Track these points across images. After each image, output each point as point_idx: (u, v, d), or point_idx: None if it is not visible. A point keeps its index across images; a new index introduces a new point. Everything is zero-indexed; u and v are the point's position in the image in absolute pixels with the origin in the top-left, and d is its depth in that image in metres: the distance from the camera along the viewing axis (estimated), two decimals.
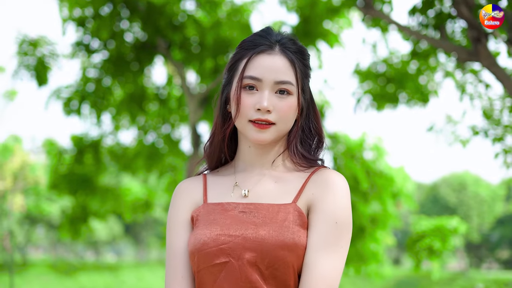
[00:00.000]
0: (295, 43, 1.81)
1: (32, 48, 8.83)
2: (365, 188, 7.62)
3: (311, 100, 1.85)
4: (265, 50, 1.76)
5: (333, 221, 1.65)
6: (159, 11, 8.00)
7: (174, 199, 1.91)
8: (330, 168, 1.78)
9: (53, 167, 10.19)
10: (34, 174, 27.08)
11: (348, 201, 1.69)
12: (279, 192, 1.75)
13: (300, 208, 1.69)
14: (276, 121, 1.74)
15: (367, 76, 7.46)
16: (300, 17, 7.65)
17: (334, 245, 1.64)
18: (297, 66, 1.76)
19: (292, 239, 1.64)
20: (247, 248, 1.66)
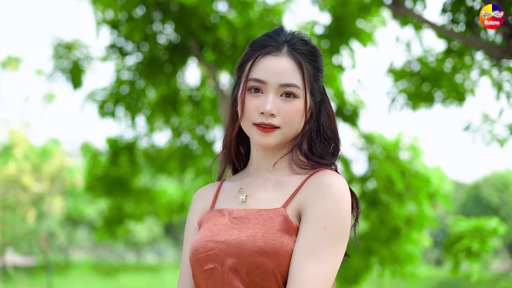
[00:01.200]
0: (306, 44, 1.75)
1: (67, 51, 8.93)
2: (400, 189, 7.50)
3: (323, 102, 1.79)
4: (272, 51, 1.72)
5: (321, 227, 1.57)
6: (191, 12, 8.01)
7: (191, 206, 1.93)
8: (334, 170, 1.70)
9: (89, 169, 10.27)
10: (71, 177, 27.45)
11: (341, 206, 1.60)
12: (274, 197, 1.70)
13: (287, 213, 1.63)
14: (281, 125, 1.70)
15: (401, 75, 7.35)
16: (332, 17, 7.58)
17: (322, 252, 1.56)
18: (305, 68, 1.71)
19: (272, 245, 1.59)
20: (229, 254, 1.63)
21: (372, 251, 7.53)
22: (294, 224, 1.62)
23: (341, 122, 8.84)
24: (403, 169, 7.91)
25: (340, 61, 8.08)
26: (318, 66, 1.77)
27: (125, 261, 53.32)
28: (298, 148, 1.77)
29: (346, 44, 7.83)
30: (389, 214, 7.50)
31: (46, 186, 27.52)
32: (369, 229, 7.74)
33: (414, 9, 5.00)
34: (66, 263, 39.65)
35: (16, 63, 31.58)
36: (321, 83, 1.79)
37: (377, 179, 7.79)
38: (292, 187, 1.69)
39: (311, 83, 1.74)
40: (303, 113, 1.72)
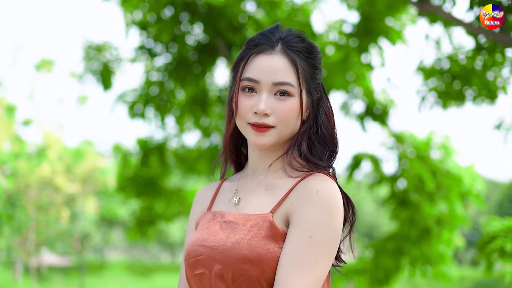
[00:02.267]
0: (303, 41, 1.72)
1: (97, 53, 9.02)
2: (430, 188, 7.41)
3: (321, 100, 1.75)
4: (265, 50, 1.69)
5: (307, 236, 1.54)
6: (219, 12, 8.01)
7: (192, 207, 1.92)
8: (328, 173, 1.66)
9: (120, 170, 10.35)
10: (104, 177, 27.72)
11: (328, 214, 1.56)
12: (265, 201, 1.67)
13: (274, 219, 1.60)
14: (276, 124, 1.67)
15: (431, 73, 7.25)
16: (360, 15, 7.52)
17: (307, 262, 1.53)
18: (299, 65, 1.68)
19: (257, 253, 1.57)
20: (216, 260, 1.62)
21: (403, 251, 7.45)
22: (280, 230, 1.59)
23: (371, 121, 8.78)
24: (434, 169, 7.81)
25: (369, 60, 8.01)
26: (314, 63, 1.74)
27: (160, 261, 53.69)
28: (296, 149, 1.73)
29: (375, 43, 7.76)
30: (419, 214, 7.42)
31: (79, 187, 27.84)
32: (399, 229, 7.67)
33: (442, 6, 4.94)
34: (101, 264, 40.06)
35: (50, 65, 32.01)
36: (319, 81, 1.75)
37: (407, 179, 7.71)
38: (282, 192, 1.66)
39: (306, 81, 1.71)
40: (298, 112, 1.69)
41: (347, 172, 8.03)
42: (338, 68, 7.94)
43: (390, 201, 7.77)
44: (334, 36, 8.20)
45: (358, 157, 7.98)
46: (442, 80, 7.32)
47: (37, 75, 37.68)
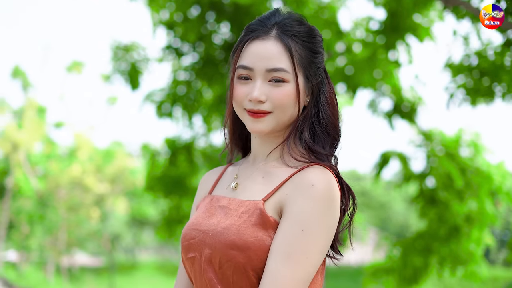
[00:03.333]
0: (300, 25, 1.70)
1: (125, 54, 9.08)
2: (459, 186, 7.33)
3: (322, 85, 1.72)
4: (259, 36, 1.67)
5: (299, 228, 1.53)
6: (245, 11, 8.01)
7: (197, 190, 1.93)
8: (328, 164, 1.63)
9: (148, 170, 10.40)
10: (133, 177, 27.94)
11: (322, 207, 1.54)
12: (260, 188, 1.66)
13: (265, 207, 1.59)
14: (272, 109, 1.65)
15: (459, 70, 7.17)
16: (387, 12, 7.46)
17: (298, 255, 1.52)
18: (294, 50, 1.65)
19: (244, 240, 1.56)
20: (206, 245, 1.62)
21: (432, 250, 7.38)
22: (271, 219, 1.58)
23: (399, 119, 8.71)
24: (463, 166, 7.72)
25: (396, 57, 7.95)
26: (313, 47, 1.71)
27: None
28: (298, 136, 1.71)
29: (402, 40, 7.70)
30: (448, 212, 7.34)
31: (108, 187, 28.10)
32: (427, 227, 7.59)
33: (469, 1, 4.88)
34: (132, 264, 40.33)
35: (80, 67, 32.34)
36: (319, 65, 1.72)
37: (436, 177, 7.63)
38: (278, 181, 1.65)
39: (303, 66, 1.68)
40: (295, 97, 1.66)
41: (375, 170, 7.98)
42: (365, 66, 7.90)
43: (419, 199, 7.70)
44: (361, 34, 8.16)
45: (386, 155, 7.93)
46: (470, 76, 7.23)
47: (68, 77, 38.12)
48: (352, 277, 28.28)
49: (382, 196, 49.30)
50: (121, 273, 33.04)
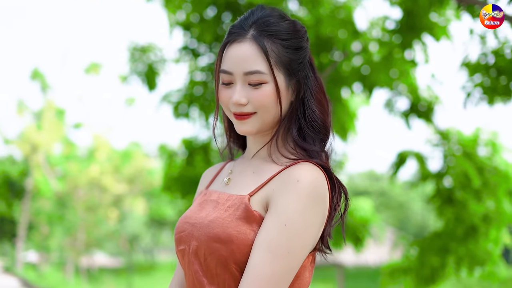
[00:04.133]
0: (279, 22, 1.69)
1: (142, 55, 9.14)
2: (476, 185, 7.30)
3: (306, 80, 1.71)
4: (236, 38, 1.68)
5: (282, 223, 1.54)
6: None
7: (198, 185, 1.99)
8: (317, 161, 1.64)
9: (166, 170, 10.44)
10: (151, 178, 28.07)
11: (306, 203, 1.55)
12: (249, 183, 1.69)
13: (250, 201, 1.61)
14: (256, 110, 1.67)
15: (476, 69, 7.13)
16: (403, 11, 7.45)
17: (280, 250, 1.53)
18: (270, 50, 1.65)
19: (228, 233, 1.59)
20: (194, 237, 1.65)
21: (449, 249, 7.35)
22: (256, 213, 1.60)
23: (416, 118, 8.69)
24: (481, 166, 7.68)
25: (412, 56, 7.93)
26: (293, 44, 1.71)
27: None
28: (285, 133, 1.73)
29: (418, 39, 7.68)
30: (465, 212, 7.31)
31: (126, 187, 28.27)
32: (444, 227, 7.57)
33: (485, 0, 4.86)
34: (151, 265, 40.51)
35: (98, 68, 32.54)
36: (301, 60, 1.72)
37: (453, 176, 7.61)
38: (266, 177, 1.67)
39: (283, 64, 1.68)
40: (275, 96, 1.67)
41: (392, 170, 7.97)
42: (381, 65, 7.89)
43: (435, 199, 7.68)
44: (377, 33, 8.15)
45: (403, 155, 7.91)
46: (487, 75, 7.18)
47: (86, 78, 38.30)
48: (371, 278, 28.21)
49: (400, 196, 49.13)
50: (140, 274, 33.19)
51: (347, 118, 9.23)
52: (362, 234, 9.42)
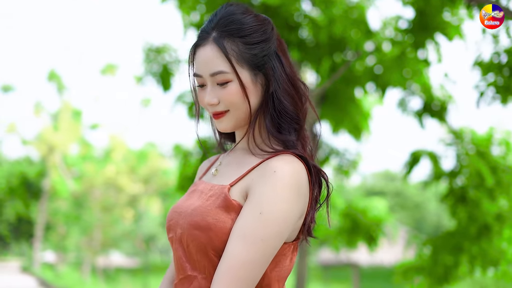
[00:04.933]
0: (239, 20, 1.75)
1: (157, 55, 9.20)
2: (490, 183, 7.30)
3: (273, 71, 1.75)
4: (200, 43, 1.75)
5: (257, 211, 1.59)
6: (275, 12, 8.06)
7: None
8: (292, 154, 1.69)
9: (180, 170, 10.51)
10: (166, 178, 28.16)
11: (282, 193, 1.60)
12: (232, 174, 1.75)
13: (229, 191, 1.67)
14: (228, 108, 1.73)
15: (489, 68, 7.13)
16: (415, 11, 7.47)
17: (254, 237, 1.58)
18: (229, 49, 1.71)
19: (206, 221, 1.65)
20: (179, 225, 1.72)
21: (462, 248, 7.35)
22: (234, 202, 1.65)
23: (429, 117, 8.69)
24: (494, 165, 7.68)
25: (425, 56, 7.94)
26: (253, 39, 1.75)
27: None
28: (261, 126, 1.79)
29: (431, 39, 7.69)
30: (478, 211, 7.31)
31: (141, 187, 28.40)
32: (457, 226, 7.57)
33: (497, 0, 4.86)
34: (167, 265, 40.57)
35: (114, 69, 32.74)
36: (265, 53, 1.76)
37: (466, 175, 7.61)
38: (246, 168, 1.73)
39: (246, 60, 1.73)
40: (241, 93, 1.73)
41: (405, 169, 7.98)
42: (394, 65, 7.91)
43: (448, 198, 7.69)
44: (390, 33, 8.17)
45: (416, 154, 7.92)
46: (500, 74, 7.17)
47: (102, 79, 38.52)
48: (387, 278, 28.14)
49: (416, 197, 48.95)
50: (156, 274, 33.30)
51: (360, 118, 9.26)
52: (376, 233, 9.45)
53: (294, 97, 1.77)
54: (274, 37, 1.80)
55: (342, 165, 9.97)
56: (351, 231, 9.47)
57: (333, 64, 8.55)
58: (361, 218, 9.48)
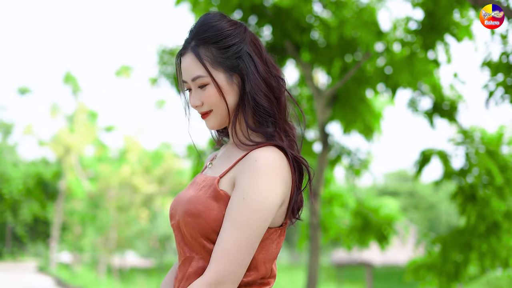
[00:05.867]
0: (212, 27, 1.94)
1: (170, 57, 9.35)
2: (499, 182, 7.37)
3: (246, 72, 1.93)
4: (183, 52, 1.98)
5: (241, 197, 1.77)
6: (287, 14, 8.17)
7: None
8: (274, 146, 1.86)
9: (194, 170, 10.64)
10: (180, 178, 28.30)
11: (262, 180, 1.78)
12: (222, 167, 1.95)
13: (217, 183, 1.86)
14: (211, 108, 1.94)
15: (497, 68, 7.20)
16: (424, 12, 7.56)
17: (239, 220, 1.76)
18: (203, 55, 1.91)
19: (197, 209, 1.85)
20: (177, 213, 1.93)
21: (471, 246, 7.43)
22: (222, 192, 1.84)
23: (439, 117, 8.77)
24: (504, 164, 7.75)
25: (435, 56, 8.02)
26: (224, 44, 1.93)
27: None
28: (239, 122, 1.97)
29: (441, 40, 7.76)
30: (487, 209, 7.38)
31: (156, 187, 28.56)
32: (466, 224, 7.64)
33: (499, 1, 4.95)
34: None
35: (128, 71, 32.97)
36: (237, 55, 1.93)
37: (476, 174, 7.68)
38: (233, 160, 1.92)
39: (220, 63, 1.92)
40: (219, 93, 1.92)
41: (416, 168, 8.04)
42: (404, 65, 7.99)
43: (458, 196, 7.76)
44: (400, 34, 8.25)
45: (426, 153, 7.98)
46: (509, 75, 7.24)
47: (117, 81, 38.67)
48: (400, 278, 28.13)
49: (430, 197, 48.79)
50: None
51: (371, 118, 9.35)
52: (387, 232, 9.55)
53: (267, 94, 1.93)
54: (246, 39, 1.97)
55: (353, 165, 10.07)
56: (363, 229, 9.58)
57: (344, 65, 8.66)
58: (372, 217, 9.59)
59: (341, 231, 10.08)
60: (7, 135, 42.36)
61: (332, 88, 8.52)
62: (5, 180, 40.20)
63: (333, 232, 10.09)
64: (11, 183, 40.34)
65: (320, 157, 8.67)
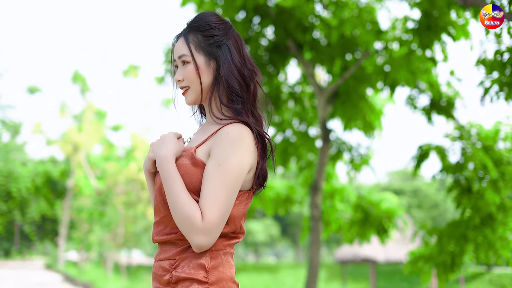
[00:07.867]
0: (200, 19, 2.35)
1: None
2: (493, 176, 7.57)
3: (223, 58, 2.30)
4: (177, 36, 2.37)
5: (216, 163, 2.14)
6: (289, 14, 8.38)
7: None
8: (242, 123, 2.22)
9: None
10: None
11: (233, 149, 2.15)
12: (198, 139, 2.32)
13: (194, 152, 2.21)
14: (188, 84, 2.31)
15: (492, 66, 7.42)
16: (421, 12, 7.78)
17: (215, 180, 2.12)
18: (190, 39, 2.31)
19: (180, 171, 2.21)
20: (159, 177, 2.30)
21: (467, 237, 7.62)
22: (199, 160, 2.19)
23: (436, 114, 8.98)
24: (498, 158, 7.93)
25: (432, 55, 8.22)
26: (209, 33, 2.33)
27: (245, 261, 54.44)
28: (214, 100, 2.32)
29: (438, 39, 7.97)
30: (483, 201, 7.56)
31: None
32: (461, 216, 7.80)
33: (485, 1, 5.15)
34: None
35: (136, 71, 33.25)
36: (218, 44, 2.32)
37: (471, 168, 7.87)
38: (208, 133, 2.28)
39: (203, 48, 2.31)
40: (196, 72, 2.29)
41: (413, 163, 8.20)
42: (402, 63, 8.21)
43: (453, 189, 7.95)
44: (399, 33, 8.45)
45: (424, 148, 8.12)
46: (503, 73, 7.44)
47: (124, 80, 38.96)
48: (404, 276, 28.30)
49: (434, 195, 48.84)
50: None
51: (371, 115, 9.57)
52: (387, 225, 9.78)
53: (238, 79, 2.30)
54: (229, 35, 2.35)
55: (354, 160, 10.28)
56: (363, 223, 9.82)
57: (344, 63, 8.90)
58: (372, 211, 9.82)
59: (342, 225, 10.31)
60: (15, 134, 42.68)
61: (333, 86, 8.74)
62: (13, 178, 40.49)
63: (334, 225, 10.32)
64: (20, 182, 40.62)
65: (321, 152, 8.90)
